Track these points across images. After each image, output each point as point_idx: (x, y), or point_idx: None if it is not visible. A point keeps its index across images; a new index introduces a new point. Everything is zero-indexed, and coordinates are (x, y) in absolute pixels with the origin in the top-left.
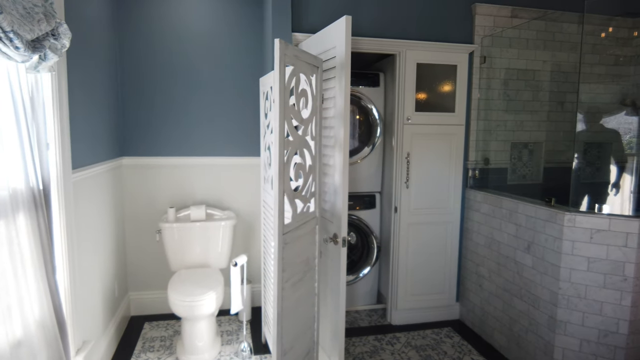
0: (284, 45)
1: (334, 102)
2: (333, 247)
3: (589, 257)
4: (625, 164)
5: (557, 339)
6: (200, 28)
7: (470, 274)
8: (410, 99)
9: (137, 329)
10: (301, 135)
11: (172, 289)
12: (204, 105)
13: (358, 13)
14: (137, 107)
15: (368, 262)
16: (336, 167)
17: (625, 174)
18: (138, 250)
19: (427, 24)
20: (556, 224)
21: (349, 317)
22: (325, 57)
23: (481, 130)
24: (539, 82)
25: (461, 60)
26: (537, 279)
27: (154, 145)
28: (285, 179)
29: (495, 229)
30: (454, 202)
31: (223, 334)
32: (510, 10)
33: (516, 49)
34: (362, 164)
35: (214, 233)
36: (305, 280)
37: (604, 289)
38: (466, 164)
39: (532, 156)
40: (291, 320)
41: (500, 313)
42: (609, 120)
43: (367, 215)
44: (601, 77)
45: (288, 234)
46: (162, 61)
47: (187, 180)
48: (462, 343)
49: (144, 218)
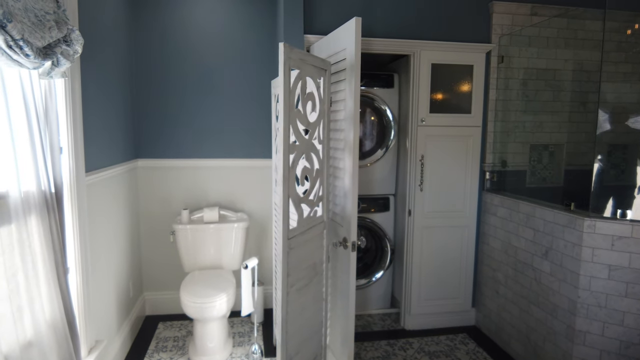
0: (289, 49)
1: (345, 105)
2: (343, 251)
3: (610, 264)
4: None
5: (575, 349)
6: (214, 30)
7: (486, 279)
8: (424, 100)
9: (151, 328)
10: (308, 139)
11: (184, 290)
12: (218, 107)
13: (371, 13)
14: (152, 109)
15: (381, 266)
16: (346, 170)
17: None
18: (153, 251)
19: (442, 23)
20: (575, 229)
21: (362, 320)
22: (335, 59)
23: (499, 131)
24: (559, 81)
25: (478, 60)
26: (555, 287)
27: (168, 148)
28: (291, 184)
29: (512, 234)
30: (470, 206)
31: (235, 335)
32: (530, 8)
33: (536, 48)
34: (376, 166)
35: (227, 235)
36: (312, 285)
37: (626, 299)
38: (483, 167)
39: (552, 158)
40: (297, 325)
41: (517, 320)
42: (636, 121)
43: (381, 218)
44: (627, 75)
45: (293, 238)
46: (176, 63)
47: (200, 182)
48: (477, 350)
49: (159, 219)
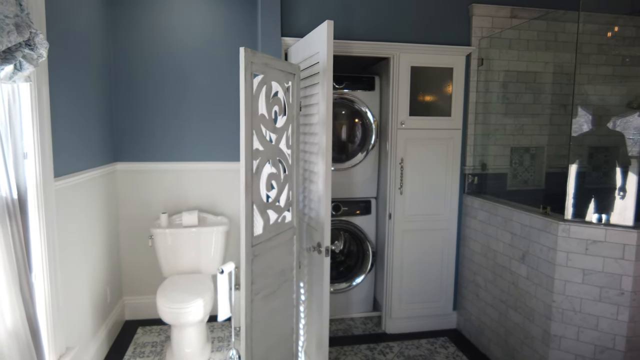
0: (250, 53)
1: (318, 108)
2: (318, 256)
3: (584, 269)
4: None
5: (551, 354)
6: (194, 33)
7: (467, 282)
8: (404, 103)
9: (130, 333)
10: (274, 145)
11: (160, 295)
12: (198, 110)
13: (350, 16)
14: (131, 112)
15: (363, 270)
16: (320, 174)
17: (628, 181)
18: (132, 256)
19: (421, 26)
20: (550, 233)
21: (344, 324)
22: (310, 62)
23: (479, 134)
24: (540, 84)
25: (458, 63)
26: (532, 291)
27: (148, 151)
28: (255, 190)
29: (491, 237)
30: (451, 209)
31: (214, 340)
32: (510, 11)
33: (516, 51)
34: (357, 169)
35: (206, 239)
36: (281, 291)
37: (600, 303)
38: (463, 169)
39: (533, 161)
40: (263, 333)
41: (496, 324)
42: (615, 123)
43: (363, 221)
44: (607, 78)
45: (258, 245)
46: (156, 66)
47: (180, 185)
48: (457, 354)
49: (138, 223)
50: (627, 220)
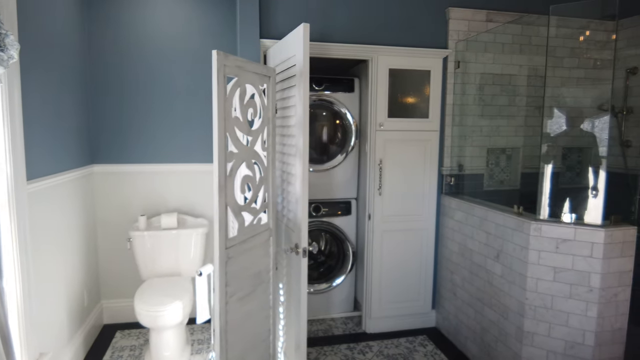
0: (223, 56)
1: (295, 110)
2: (295, 257)
3: (555, 267)
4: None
5: (524, 350)
6: (173, 34)
7: (445, 281)
8: (382, 104)
9: (108, 337)
10: (249, 147)
11: (137, 298)
12: (178, 111)
13: (329, 18)
14: (108, 114)
15: (343, 270)
16: (297, 176)
17: (598, 181)
18: (111, 259)
19: (400, 29)
20: (523, 233)
21: (324, 325)
22: (287, 64)
23: (456, 136)
24: (515, 86)
25: (435, 66)
26: (506, 289)
27: (126, 153)
28: (229, 192)
29: (468, 237)
30: (429, 209)
31: (194, 342)
32: (485, 14)
33: (491, 54)
34: (337, 170)
35: (186, 241)
36: (257, 293)
37: (570, 300)
38: (441, 170)
39: (509, 161)
40: (239, 335)
41: (472, 322)
42: (588, 125)
43: (343, 222)
44: (580, 80)
45: (233, 247)
46: (134, 67)
47: (159, 187)
48: (435, 352)
49: (116, 226)
50: (595, 219)
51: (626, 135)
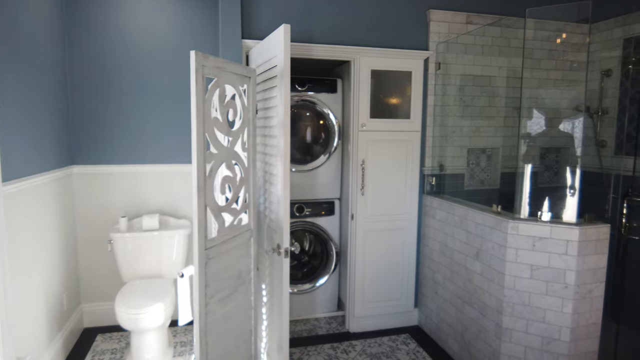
0: (201, 57)
1: (277, 111)
2: (277, 257)
3: (531, 264)
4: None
5: (503, 346)
6: (155, 33)
7: (427, 280)
8: (365, 105)
9: (88, 341)
10: (229, 147)
11: (118, 300)
12: (160, 112)
13: (311, 19)
14: (89, 115)
15: (327, 271)
16: (279, 176)
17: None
18: (91, 261)
19: (381, 30)
20: (501, 231)
21: (308, 325)
22: (269, 65)
23: (437, 136)
24: (494, 87)
25: (416, 67)
26: (485, 286)
27: (107, 153)
28: (208, 193)
29: (448, 236)
30: (411, 209)
31: (177, 344)
32: (465, 17)
33: (471, 55)
34: (320, 170)
35: (168, 242)
36: (238, 294)
37: (547, 297)
38: (423, 170)
39: (489, 161)
40: (219, 336)
41: (453, 320)
42: (564, 125)
43: (326, 222)
44: (557, 82)
45: (213, 248)
46: (115, 66)
47: (141, 188)
48: (417, 350)
49: (97, 228)
50: (570, 217)
51: (601, 136)
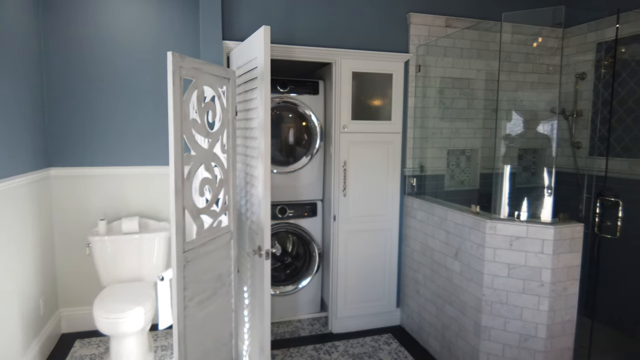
0: (179, 58)
1: (257, 113)
2: (259, 259)
3: (509, 263)
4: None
5: (482, 344)
6: (135, 33)
7: (408, 280)
8: (346, 107)
9: (66, 347)
10: (208, 149)
11: (96, 305)
12: (140, 113)
13: (293, 21)
14: (67, 116)
15: (309, 272)
16: (260, 178)
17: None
18: (69, 265)
19: (362, 33)
20: (479, 231)
21: (291, 326)
22: (250, 66)
23: (418, 137)
24: (473, 90)
25: (397, 69)
26: (465, 285)
27: (86, 156)
28: (187, 195)
29: (429, 236)
30: (393, 210)
31: (158, 349)
32: (445, 20)
33: (451, 58)
34: (302, 172)
35: (148, 245)
36: (218, 296)
37: (524, 295)
38: (404, 172)
39: (469, 162)
40: (198, 339)
41: (434, 319)
42: (541, 127)
43: (309, 224)
44: (534, 85)
45: (192, 250)
46: (95, 68)
47: (121, 191)
48: (399, 350)
49: (75, 231)
50: (546, 217)
51: (576, 137)
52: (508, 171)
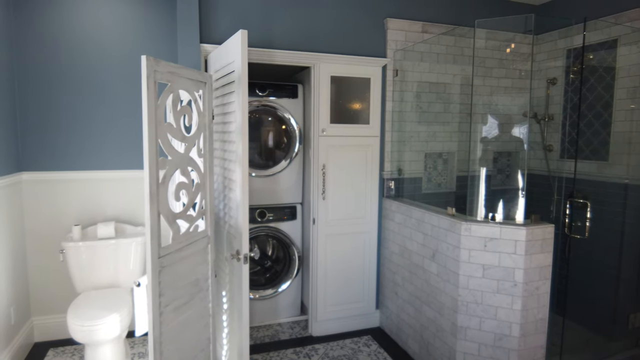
0: (153, 62)
1: (235, 117)
2: (237, 263)
3: (483, 264)
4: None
5: (458, 344)
6: (111, 37)
7: (387, 282)
8: (325, 111)
9: (39, 356)
10: (184, 153)
11: (71, 312)
12: (116, 117)
13: (272, 25)
14: (40, 120)
15: (289, 276)
16: (238, 182)
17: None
18: (42, 273)
19: (341, 37)
20: (455, 233)
21: (271, 330)
22: (227, 70)
23: (396, 141)
24: (449, 94)
25: (375, 74)
26: (442, 286)
27: (60, 159)
28: (162, 200)
29: (407, 238)
30: (371, 212)
31: (135, 356)
32: (421, 26)
33: (427, 63)
34: (282, 175)
35: (125, 251)
36: (195, 302)
37: (498, 294)
38: (382, 174)
39: (445, 165)
40: (175, 345)
41: (412, 320)
42: (515, 130)
43: (289, 227)
44: (507, 89)
45: (167, 256)
46: (70, 71)
47: (97, 195)
48: (378, 351)
49: (49, 237)
50: (518, 218)
51: (548, 140)
52: (482, 174)
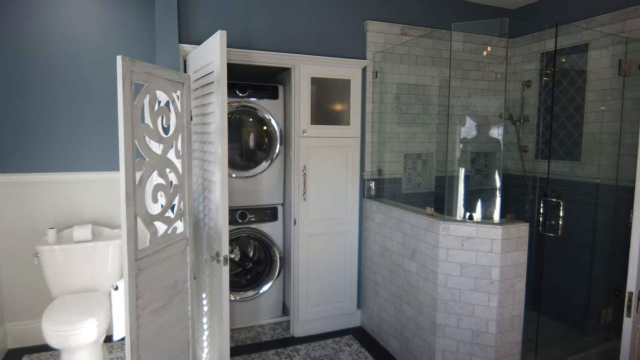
0: (129, 62)
1: (214, 118)
2: (217, 265)
3: (461, 262)
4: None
5: (437, 341)
6: (86, 36)
7: (368, 281)
8: (305, 112)
9: None
10: (161, 154)
11: (46, 317)
12: (94, 116)
13: (252, 26)
14: (11, 119)
15: (270, 277)
16: (217, 183)
17: (496, 183)
18: (16, 277)
19: (321, 39)
20: (433, 232)
21: (253, 332)
22: (206, 71)
23: (376, 142)
24: (428, 96)
25: (355, 75)
26: (421, 285)
27: (33, 161)
28: (139, 201)
29: (387, 238)
30: (352, 213)
31: None
32: (400, 28)
33: (406, 65)
34: (263, 176)
35: (102, 254)
36: (173, 304)
37: (475, 292)
38: (363, 175)
39: (425, 166)
40: (153, 349)
41: (393, 319)
42: (492, 132)
43: (270, 228)
44: (484, 91)
45: (144, 258)
46: (44, 70)
47: (73, 197)
48: (360, 350)
49: (23, 241)
50: (494, 217)
51: (523, 141)
52: (460, 174)
